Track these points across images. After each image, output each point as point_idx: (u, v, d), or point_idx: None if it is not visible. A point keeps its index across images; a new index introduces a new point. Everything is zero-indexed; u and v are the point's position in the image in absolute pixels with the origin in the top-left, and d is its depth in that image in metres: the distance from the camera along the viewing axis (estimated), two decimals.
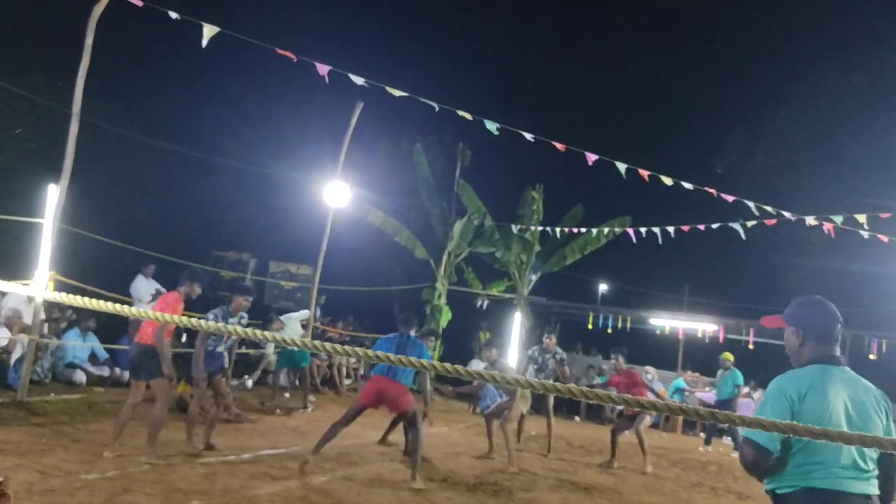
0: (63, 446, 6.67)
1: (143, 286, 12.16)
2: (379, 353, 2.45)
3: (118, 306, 2.39)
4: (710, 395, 16.40)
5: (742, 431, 3.07)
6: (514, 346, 18.04)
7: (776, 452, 2.82)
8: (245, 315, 7.80)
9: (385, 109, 16.65)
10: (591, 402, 2.32)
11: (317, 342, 2.23)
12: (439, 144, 21.16)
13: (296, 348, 10.52)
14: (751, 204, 9.04)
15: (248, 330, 2.25)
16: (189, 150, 17.84)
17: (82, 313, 11.12)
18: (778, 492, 2.87)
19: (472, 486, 7.41)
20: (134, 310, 2.50)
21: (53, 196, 8.46)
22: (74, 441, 6.98)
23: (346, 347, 2.29)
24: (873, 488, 2.82)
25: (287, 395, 12.44)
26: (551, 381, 2.66)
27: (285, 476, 6.67)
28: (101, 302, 2.35)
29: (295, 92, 21.97)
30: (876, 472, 2.84)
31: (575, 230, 16.66)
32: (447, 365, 2.36)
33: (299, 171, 17.56)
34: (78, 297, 2.34)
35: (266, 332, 2.35)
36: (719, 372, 14.09)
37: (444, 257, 18.36)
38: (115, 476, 5.81)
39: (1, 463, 5.74)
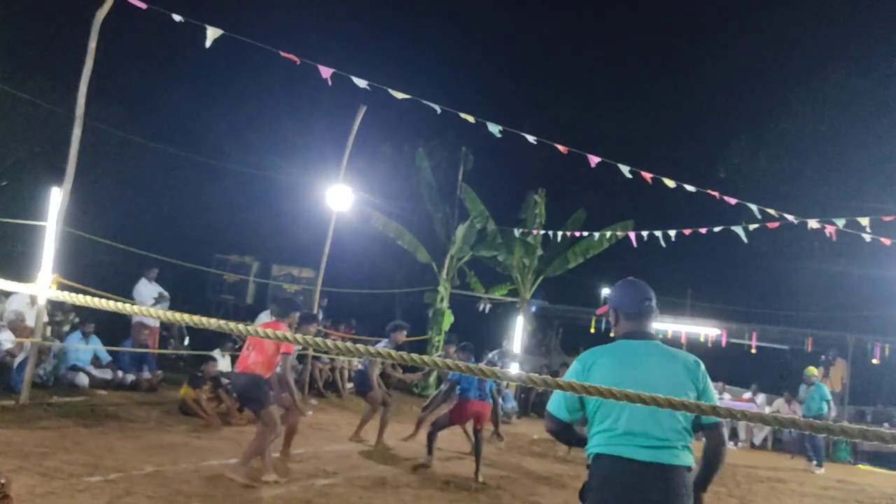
0: (65, 449, 6.67)
1: (146, 290, 12.16)
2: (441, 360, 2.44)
3: (128, 306, 2.39)
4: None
5: None
6: (517, 349, 18.03)
7: (567, 419, 3.03)
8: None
9: (388, 113, 16.70)
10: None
11: (372, 349, 2.22)
12: (442, 148, 21.19)
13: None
14: (753, 207, 9.03)
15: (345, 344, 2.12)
16: (192, 154, 17.88)
17: (84, 316, 11.13)
18: (588, 459, 3.04)
19: (475, 490, 7.40)
20: (160, 312, 2.49)
21: (56, 199, 8.48)
22: (77, 444, 6.98)
23: (416, 356, 2.19)
24: (677, 459, 2.86)
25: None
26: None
27: (288, 479, 6.66)
28: (111, 302, 2.34)
29: (298, 95, 22.03)
30: (683, 443, 2.90)
31: (577, 234, 16.63)
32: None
33: (302, 175, 17.60)
34: (89, 297, 2.34)
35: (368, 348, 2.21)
36: (803, 387, 13.44)
37: (447, 261, 18.36)
38: (117, 479, 5.81)
39: (3, 465, 5.74)
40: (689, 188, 9.01)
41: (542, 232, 17.66)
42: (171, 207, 18.97)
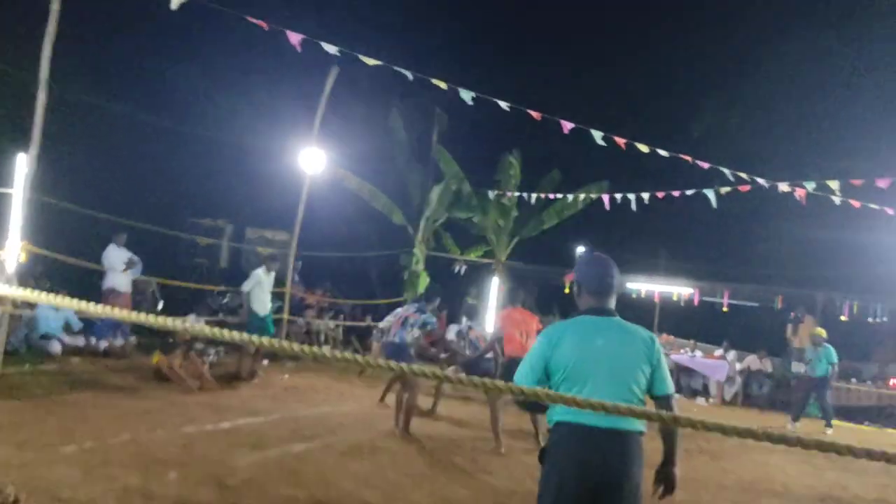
0: (39, 419, 6.64)
1: (116, 255, 11.97)
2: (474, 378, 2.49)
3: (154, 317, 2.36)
4: (682, 357, 16.64)
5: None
6: (493, 310, 18.16)
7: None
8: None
9: (361, 74, 16.43)
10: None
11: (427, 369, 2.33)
12: (416, 110, 20.99)
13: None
14: (726, 171, 9.10)
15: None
16: (162, 119, 17.57)
17: (56, 283, 11.01)
18: (549, 427, 3.21)
19: (450, 453, 7.49)
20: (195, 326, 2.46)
21: (23, 165, 8.30)
22: (51, 413, 6.95)
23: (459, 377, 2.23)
24: (632, 425, 3.05)
25: (266, 362, 12.40)
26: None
27: (264, 445, 6.69)
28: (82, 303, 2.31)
29: (269, 57, 21.60)
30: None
31: (552, 196, 16.64)
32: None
33: (275, 138, 17.36)
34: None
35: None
36: (809, 348, 13.40)
37: (422, 223, 18.33)
38: (92, 448, 5.80)
39: None
40: (663, 153, 9.04)
41: (517, 194, 17.65)
42: (142, 172, 18.67)
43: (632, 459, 3.04)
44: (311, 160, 13.59)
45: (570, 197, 15.66)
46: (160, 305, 14.88)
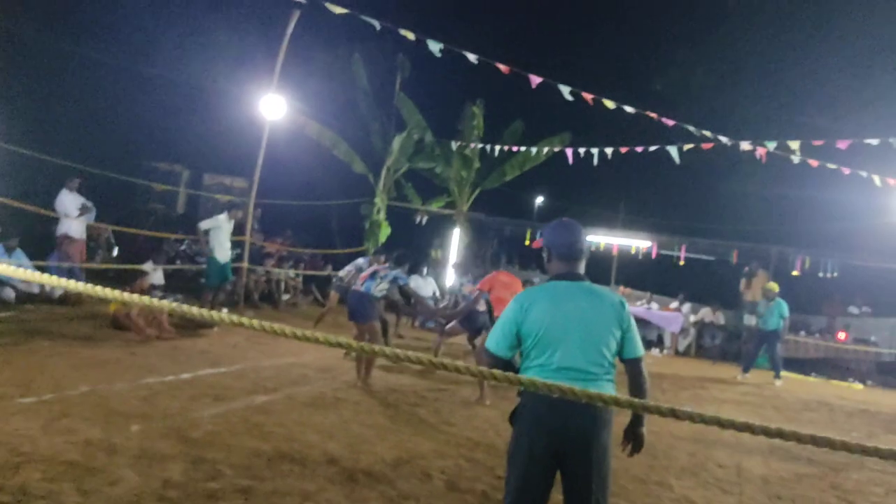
0: None
1: (69, 200, 11.67)
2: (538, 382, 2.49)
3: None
4: (639, 310, 16.93)
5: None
6: (453, 261, 18.20)
7: (506, 356, 3.26)
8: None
9: (322, 17, 16.03)
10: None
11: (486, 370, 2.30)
12: (378, 56, 20.62)
13: None
14: (691, 128, 9.14)
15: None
16: (117, 57, 16.98)
17: (7, 230, 10.71)
18: (519, 390, 3.25)
19: (413, 406, 7.56)
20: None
21: None
22: (7, 362, 6.80)
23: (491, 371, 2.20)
24: (603, 389, 3.10)
25: (225, 310, 12.28)
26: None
27: (227, 397, 6.67)
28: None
29: None
30: (608, 376, 3.19)
31: (515, 148, 16.59)
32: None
33: (235, 82, 16.95)
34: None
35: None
36: (762, 302, 13.73)
37: (383, 172, 18.19)
38: (51, 400, 5.71)
39: None
40: (629, 109, 9.02)
41: (480, 146, 17.55)
42: (95, 113, 18.08)
43: (601, 423, 3.11)
44: (272, 106, 13.32)
45: (534, 150, 15.60)
46: (115, 252, 14.61)
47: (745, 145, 9.55)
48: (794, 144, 8.97)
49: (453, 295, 10.67)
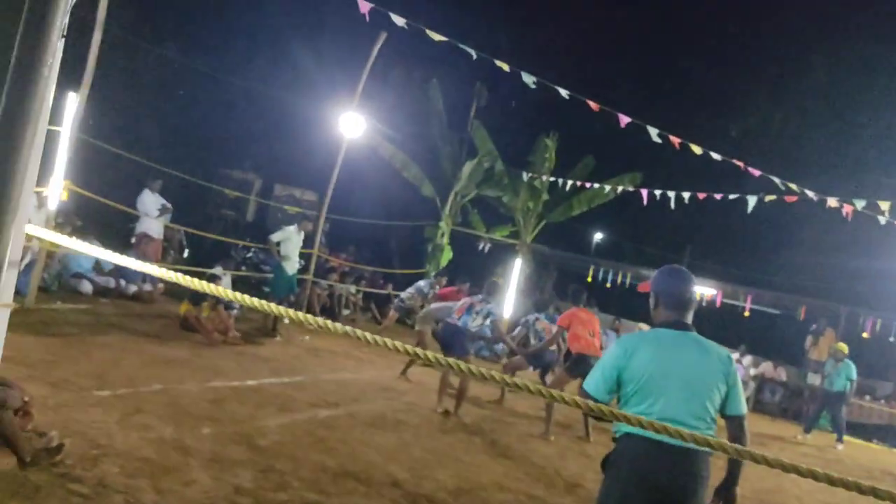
0: (72, 359, 6.70)
1: (150, 200, 12.03)
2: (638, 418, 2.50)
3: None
4: None
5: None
6: (513, 292, 18.11)
7: (604, 400, 3.13)
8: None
9: (403, 40, 16.28)
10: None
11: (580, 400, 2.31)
12: (456, 81, 20.79)
13: None
14: (776, 179, 8.95)
15: None
16: (211, 70, 17.52)
17: (89, 224, 11.08)
18: (614, 436, 3.19)
19: (472, 431, 7.53)
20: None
21: (73, 105, 8.32)
22: (83, 353, 7.01)
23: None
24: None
25: (287, 321, 12.40)
26: None
27: (291, 408, 6.74)
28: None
29: (316, 15, 21.50)
30: (710, 431, 3.04)
31: (587, 185, 16.45)
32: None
33: (314, 97, 17.29)
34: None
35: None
36: (830, 362, 13.29)
37: (451, 197, 18.27)
38: (126, 395, 5.85)
39: (12, 372, 5.76)
40: (716, 156, 8.89)
41: (552, 179, 17.49)
42: (180, 118, 18.66)
43: (699, 479, 3.01)
44: (351, 124, 13.53)
45: (607, 188, 15.48)
46: (186, 254, 14.97)
47: (833, 201, 9.31)
48: (885, 205, 8.70)
49: (524, 328, 10.53)
